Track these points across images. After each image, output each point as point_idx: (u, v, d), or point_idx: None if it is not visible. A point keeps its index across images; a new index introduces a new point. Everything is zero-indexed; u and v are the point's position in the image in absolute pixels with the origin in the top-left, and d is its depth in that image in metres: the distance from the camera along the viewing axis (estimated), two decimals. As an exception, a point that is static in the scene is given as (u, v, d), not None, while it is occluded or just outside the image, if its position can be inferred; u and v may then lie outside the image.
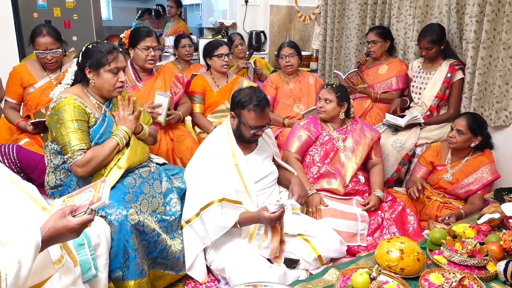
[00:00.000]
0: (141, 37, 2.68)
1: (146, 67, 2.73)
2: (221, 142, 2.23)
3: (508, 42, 2.67)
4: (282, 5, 4.95)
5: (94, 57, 1.98)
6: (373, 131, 2.72)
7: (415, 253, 1.53)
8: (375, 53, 3.40)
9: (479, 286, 1.43)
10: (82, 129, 1.96)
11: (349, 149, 2.60)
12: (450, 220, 2.27)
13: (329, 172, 2.54)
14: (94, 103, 2.06)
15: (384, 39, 3.38)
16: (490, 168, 2.50)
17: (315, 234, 2.16)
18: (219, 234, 2.04)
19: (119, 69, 2.03)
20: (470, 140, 2.50)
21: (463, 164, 2.57)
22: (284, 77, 3.41)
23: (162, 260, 2.01)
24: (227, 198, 2.08)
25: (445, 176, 2.60)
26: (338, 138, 2.61)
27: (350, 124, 2.68)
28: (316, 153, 2.61)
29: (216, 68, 3.16)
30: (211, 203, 2.05)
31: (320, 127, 2.65)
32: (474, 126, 2.46)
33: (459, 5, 2.98)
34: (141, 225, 1.87)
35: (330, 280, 1.53)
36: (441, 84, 3.00)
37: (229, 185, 2.11)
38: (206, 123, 3.10)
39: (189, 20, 6.78)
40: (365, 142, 2.63)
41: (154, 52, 2.69)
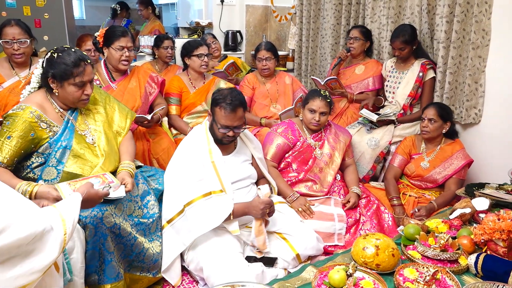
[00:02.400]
0: (116, 37, 2.63)
1: (119, 67, 2.68)
2: (199, 140, 2.23)
3: (476, 42, 2.75)
4: (258, 5, 4.96)
5: (58, 68, 1.87)
6: (345, 134, 2.76)
7: (390, 249, 1.56)
8: (355, 50, 3.43)
9: (451, 279, 1.47)
10: (15, 145, 1.82)
11: (326, 155, 2.63)
12: (421, 212, 2.38)
13: (308, 179, 2.57)
14: (57, 112, 1.97)
15: (365, 39, 3.43)
16: (463, 153, 2.63)
17: (293, 232, 2.18)
18: (206, 230, 2.03)
19: (85, 82, 1.93)
20: (441, 127, 2.64)
21: (437, 151, 2.69)
22: (261, 77, 3.41)
23: (139, 263, 1.98)
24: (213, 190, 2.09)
25: (422, 163, 2.70)
26: (315, 146, 2.63)
27: (324, 129, 2.70)
28: (294, 162, 2.62)
29: (195, 68, 3.14)
30: (195, 199, 2.05)
31: (297, 134, 2.65)
32: (443, 113, 2.62)
33: (430, 5, 3.05)
34: (117, 228, 1.84)
35: (308, 278, 1.55)
36: (413, 83, 3.07)
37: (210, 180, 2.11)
38: (182, 125, 3.08)
39: (165, 19, 6.70)
40: (340, 147, 2.67)
41: (129, 53, 2.65)
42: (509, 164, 2.49)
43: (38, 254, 1.16)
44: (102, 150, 2.02)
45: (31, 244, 1.14)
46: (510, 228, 1.55)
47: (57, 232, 1.22)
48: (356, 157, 3.02)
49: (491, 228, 1.60)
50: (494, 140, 2.81)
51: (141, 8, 5.43)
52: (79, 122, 2.01)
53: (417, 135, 2.84)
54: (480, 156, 2.87)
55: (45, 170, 1.90)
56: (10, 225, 1.08)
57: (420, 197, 2.66)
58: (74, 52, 1.91)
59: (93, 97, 2.12)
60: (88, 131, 2.03)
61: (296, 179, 2.58)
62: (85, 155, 1.96)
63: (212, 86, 3.18)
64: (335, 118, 3.39)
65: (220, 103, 2.14)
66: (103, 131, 2.08)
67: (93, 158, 1.98)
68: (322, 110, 2.54)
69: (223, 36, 4.81)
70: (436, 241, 1.64)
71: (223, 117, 2.14)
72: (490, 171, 2.79)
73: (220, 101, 2.14)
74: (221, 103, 2.14)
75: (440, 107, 2.65)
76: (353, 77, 3.47)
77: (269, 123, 3.17)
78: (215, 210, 2.05)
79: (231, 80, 3.79)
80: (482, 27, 2.71)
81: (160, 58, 3.75)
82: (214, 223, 2.03)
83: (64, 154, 1.92)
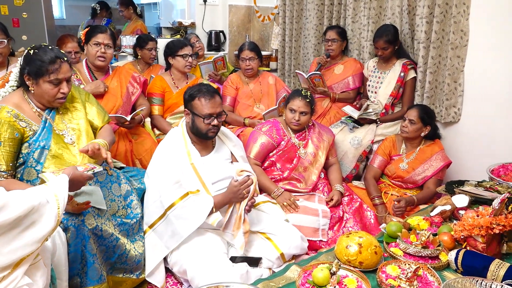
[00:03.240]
0: (93, 33, 2.63)
1: (95, 63, 2.66)
2: (176, 142, 2.22)
3: (455, 42, 2.81)
4: (241, 5, 4.95)
5: (34, 65, 1.84)
6: (328, 133, 2.78)
7: (372, 247, 1.58)
8: (334, 51, 3.47)
9: (432, 275, 1.50)
10: (7, 149, 1.80)
11: (310, 154, 2.64)
12: (400, 204, 2.42)
13: (292, 177, 2.59)
14: (34, 111, 1.93)
15: (342, 39, 3.47)
16: (442, 155, 2.66)
17: (277, 231, 2.19)
18: (192, 229, 2.02)
19: (61, 80, 1.89)
20: (420, 130, 2.66)
21: (416, 153, 2.71)
22: (244, 78, 3.41)
23: (121, 265, 1.96)
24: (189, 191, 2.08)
25: (401, 165, 2.73)
26: (299, 145, 2.64)
27: (308, 129, 2.71)
28: (278, 161, 2.63)
29: (179, 68, 3.12)
30: (175, 202, 2.03)
31: (282, 133, 2.65)
32: (424, 117, 2.64)
33: (410, 6, 3.10)
34: (99, 229, 1.81)
35: (292, 277, 1.55)
36: (395, 83, 3.12)
37: (188, 184, 2.10)
38: (165, 125, 3.05)
39: (147, 19, 6.63)
40: (324, 146, 2.69)
41: (105, 49, 2.63)
42: (488, 161, 2.54)
43: (36, 225, 1.27)
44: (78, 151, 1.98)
45: (29, 216, 1.25)
46: (489, 224, 1.58)
47: (52, 205, 1.33)
48: (339, 156, 3.05)
49: (470, 225, 1.63)
50: (473, 138, 2.87)
51: (122, 9, 5.37)
52: (57, 121, 1.98)
53: (397, 135, 2.87)
54: (460, 154, 2.93)
55: (25, 171, 1.88)
56: (8, 202, 1.20)
57: (401, 196, 2.69)
58: (51, 49, 1.88)
59: (70, 95, 2.08)
60: (66, 131, 1.99)
61: (280, 177, 2.59)
62: (63, 156, 1.93)
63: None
64: (318, 117, 3.41)
65: (196, 95, 2.15)
66: (84, 129, 2.05)
67: (72, 158, 1.95)
68: (302, 109, 2.56)
69: (206, 36, 4.79)
70: (417, 238, 1.66)
71: (204, 106, 2.13)
72: (470, 169, 2.85)
73: (196, 93, 2.16)
74: (197, 95, 2.15)
75: (423, 110, 2.66)
76: (333, 77, 3.51)
77: (252, 123, 3.18)
78: (196, 209, 2.04)
79: (216, 75, 3.80)
80: (461, 28, 2.77)
81: (143, 59, 3.71)
82: (198, 221, 2.02)
83: (42, 154, 1.89)
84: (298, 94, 2.61)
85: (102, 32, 2.63)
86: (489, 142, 2.78)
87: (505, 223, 1.58)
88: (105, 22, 5.77)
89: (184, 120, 2.29)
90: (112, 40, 2.69)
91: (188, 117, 2.21)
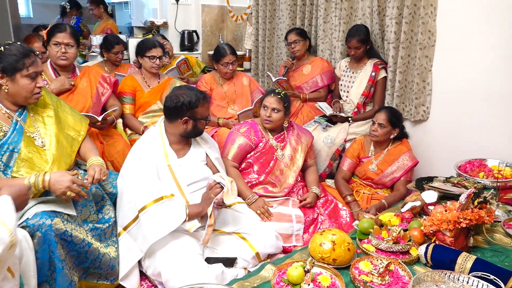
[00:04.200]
0: (53, 33, 2.56)
1: (58, 63, 2.61)
2: (154, 143, 2.19)
3: (423, 43, 2.88)
4: (214, 5, 4.93)
5: (7, 61, 1.79)
6: (307, 135, 2.80)
7: (345, 244, 1.60)
8: (299, 51, 3.52)
9: (403, 269, 1.53)
10: None
11: (288, 157, 2.65)
12: (371, 212, 2.42)
13: (268, 181, 2.59)
14: (4, 113, 1.88)
15: (304, 38, 3.52)
16: (409, 155, 2.71)
17: (251, 231, 2.19)
18: (159, 237, 1.98)
19: (37, 74, 1.88)
20: (390, 132, 2.70)
21: (385, 154, 2.76)
22: (219, 79, 3.40)
23: (95, 270, 1.92)
24: (164, 195, 2.05)
25: (370, 167, 2.76)
26: (277, 147, 2.65)
27: (287, 130, 2.72)
28: (256, 163, 2.63)
29: (146, 68, 3.10)
30: (148, 204, 2.00)
31: (260, 135, 2.65)
32: (393, 119, 2.68)
33: (380, 7, 3.17)
34: (68, 235, 1.76)
35: (267, 276, 1.55)
36: (366, 83, 3.17)
37: (163, 184, 2.07)
38: (136, 124, 3.01)
39: (118, 18, 6.51)
40: (302, 149, 2.70)
41: (66, 49, 2.57)
42: (455, 158, 2.63)
43: None
44: (51, 155, 1.93)
45: None
46: (456, 219, 1.63)
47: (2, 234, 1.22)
48: (313, 155, 3.09)
49: (439, 219, 1.68)
50: (441, 136, 2.96)
51: (92, 7, 5.25)
52: (28, 124, 1.92)
53: (366, 137, 2.89)
54: (429, 151, 3.01)
55: None
56: None
57: (373, 194, 2.75)
58: (21, 45, 1.86)
59: (42, 100, 2.03)
60: (37, 134, 1.94)
61: (257, 181, 2.59)
62: (33, 160, 1.87)
63: (167, 85, 3.14)
64: (291, 118, 3.43)
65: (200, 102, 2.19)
66: (54, 135, 1.99)
67: (42, 163, 1.89)
68: (273, 106, 2.57)
69: (179, 36, 4.75)
70: (389, 234, 1.70)
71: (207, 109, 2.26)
72: (438, 165, 2.93)
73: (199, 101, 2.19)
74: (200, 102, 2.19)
75: (391, 112, 2.70)
76: (302, 78, 3.55)
77: (226, 123, 3.17)
78: (168, 215, 2.01)
79: (183, 79, 3.76)
80: (428, 28, 2.85)
81: (109, 61, 3.64)
82: (169, 228, 1.99)
83: (11, 157, 1.82)
84: (271, 91, 2.64)
85: (61, 31, 2.56)
86: (456, 139, 2.87)
87: (471, 217, 1.64)
88: (75, 20, 5.63)
89: (162, 121, 2.27)
90: (74, 38, 2.62)
91: (187, 125, 2.20)
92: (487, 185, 2.28)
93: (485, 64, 2.65)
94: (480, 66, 2.67)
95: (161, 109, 2.97)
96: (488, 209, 1.73)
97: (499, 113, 2.63)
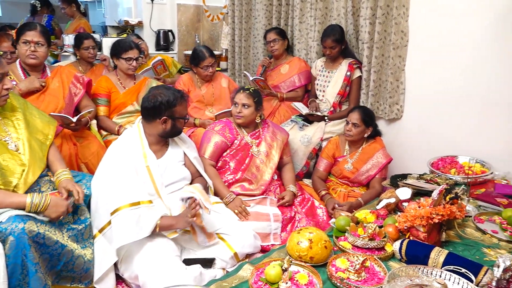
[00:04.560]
0: (22, 31, 2.49)
1: (27, 62, 2.54)
2: (132, 144, 2.16)
3: (396, 43, 2.94)
4: (190, 4, 4.90)
5: None
6: (283, 132, 2.82)
7: (322, 241, 1.62)
8: (277, 51, 3.54)
9: (379, 265, 1.56)
10: None
11: (263, 153, 2.66)
12: (343, 209, 2.48)
13: (245, 178, 2.59)
14: None
15: (283, 38, 3.55)
16: (383, 152, 2.76)
17: (229, 231, 2.19)
18: (128, 241, 1.94)
19: (3, 75, 1.82)
20: (363, 131, 2.74)
21: (359, 153, 2.80)
22: (197, 81, 3.37)
23: (68, 273, 1.87)
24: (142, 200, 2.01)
25: (346, 166, 2.80)
26: (252, 143, 2.66)
27: (262, 128, 2.73)
28: (232, 160, 2.63)
29: (123, 70, 3.04)
30: (121, 207, 1.97)
31: (235, 132, 2.66)
32: (366, 118, 2.72)
33: (355, 8, 3.21)
34: (41, 237, 1.72)
35: (245, 276, 1.55)
36: (342, 82, 3.22)
37: (141, 188, 2.04)
38: (111, 124, 2.96)
39: (91, 17, 6.39)
40: (277, 145, 2.71)
41: (36, 48, 2.50)
42: (428, 155, 2.70)
43: None
44: (26, 160, 1.89)
45: None
46: (429, 215, 1.67)
47: None
48: (290, 154, 3.12)
49: (412, 216, 1.72)
50: (414, 134, 3.03)
51: (64, 6, 5.13)
52: None
53: (340, 136, 2.93)
54: (403, 148, 3.08)
55: None
56: None
57: (349, 192, 2.78)
58: None
59: (10, 104, 1.98)
60: (9, 138, 1.89)
61: (234, 179, 2.59)
62: (9, 167, 1.83)
63: (143, 86, 3.09)
64: (268, 117, 3.45)
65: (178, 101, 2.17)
66: (26, 139, 1.94)
67: (16, 168, 1.85)
68: (243, 101, 2.59)
69: (155, 35, 4.70)
70: (364, 231, 1.73)
71: (185, 108, 2.24)
72: (412, 162, 2.99)
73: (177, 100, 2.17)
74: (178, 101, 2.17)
75: (364, 112, 2.74)
76: (279, 77, 3.58)
77: (203, 123, 3.15)
78: (138, 223, 1.96)
79: (159, 79, 3.71)
80: (401, 29, 2.91)
81: (82, 58, 3.58)
82: (134, 237, 1.94)
83: None
84: (241, 88, 2.68)
85: (31, 30, 2.49)
86: (429, 137, 2.94)
87: (443, 213, 1.68)
88: (47, 19, 5.50)
89: (139, 121, 2.24)
90: (45, 37, 2.55)
91: (166, 125, 2.17)
92: (459, 181, 2.35)
93: (456, 63, 2.72)
94: (451, 65, 2.75)
95: (138, 110, 2.94)
96: (459, 204, 1.78)
97: (469, 111, 2.71)
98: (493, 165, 2.51)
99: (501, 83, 2.55)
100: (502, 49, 2.51)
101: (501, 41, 2.51)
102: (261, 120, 2.73)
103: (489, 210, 2.09)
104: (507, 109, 2.54)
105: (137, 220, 1.96)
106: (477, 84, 2.65)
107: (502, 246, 1.76)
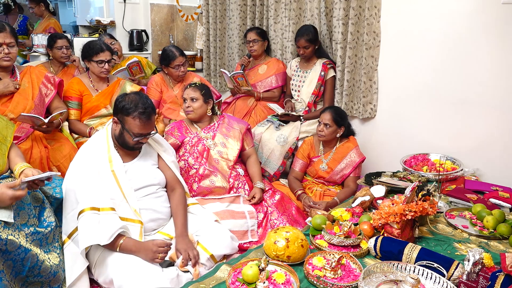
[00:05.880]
0: None
1: (1, 65, 2.46)
2: (99, 147, 2.11)
3: (369, 43, 2.99)
4: (163, 4, 4.85)
5: None
6: (240, 123, 2.83)
7: (299, 240, 1.63)
8: (256, 51, 3.55)
9: (354, 262, 1.58)
10: None
11: (220, 144, 2.67)
12: (319, 207, 2.51)
13: (208, 171, 2.58)
14: None
15: (263, 39, 3.56)
16: (356, 151, 2.79)
17: (205, 233, 2.17)
18: (92, 242, 1.89)
19: None
20: (336, 131, 2.76)
21: (333, 152, 2.82)
22: (169, 81, 3.34)
23: (35, 278, 1.80)
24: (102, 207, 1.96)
25: (321, 166, 2.83)
26: (207, 137, 2.66)
27: (217, 121, 2.75)
28: (190, 156, 2.62)
29: (95, 73, 2.96)
30: (83, 210, 1.93)
31: (185, 131, 2.66)
32: (338, 119, 2.74)
33: (328, 8, 3.25)
34: (3, 244, 1.64)
35: (222, 277, 1.55)
36: (316, 82, 3.25)
37: (104, 193, 2.00)
38: (83, 128, 2.89)
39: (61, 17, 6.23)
40: (234, 135, 2.72)
41: (9, 49, 2.43)
42: (401, 153, 2.76)
43: None
44: None
45: None
46: (402, 211, 1.71)
47: None
48: (267, 154, 3.12)
49: (386, 213, 1.75)
50: (388, 132, 3.09)
51: (32, 6, 4.97)
52: None
53: (315, 136, 2.94)
54: (377, 147, 3.14)
55: None
56: None
57: (325, 191, 2.81)
58: None
59: None
60: None
61: (198, 175, 2.58)
62: None
63: (117, 88, 3.02)
64: (244, 116, 3.45)
65: (131, 112, 2.03)
66: None
67: None
68: (191, 95, 2.62)
69: (128, 35, 4.62)
70: (340, 229, 1.74)
71: (137, 126, 2.04)
72: (386, 160, 3.06)
73: (132, 110, 2.03)
74: (133, 112, 2.03)
75: (335, 112, 2.75)
76: (257, 77, 3.59)
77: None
78: (100, 229, 1.91)
79: (134, 81, 3.65)
80: (373, 29, 2.96)
81: (55, 58, 3.49)
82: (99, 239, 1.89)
83: None
84: (188, 85, 2.71)
85: (1, 31, 2.41)
86: (401, 136, 3.01)
87: (416, 209, 1.72)
88: (22, 19, 5.36)
89: (109, 124, 2.19)
90: (15, 37, 2.48)
91: (116, 126, 2.11)
92: (430, 178, 2.41)
93: (426, 63, 2.80)
94: (422, 65, 2.82)
95: (111, 114, 2.88)
96: (431, 201, 1.83)
97: (440, 109, 2.78)
98: (463, 162, 2.59)
99: (469, 82, 2.63)
100: (469, 49, 2.59)
101: (469, 41, 2.59)
102: (217, 115, 2.76)
103: (459, 206, 2.15)
104: (476, 108, 2.63)
105: (97, 225, 1.92)
106: (446, 83, 2.73)
107: (472, 241, 1.82)
